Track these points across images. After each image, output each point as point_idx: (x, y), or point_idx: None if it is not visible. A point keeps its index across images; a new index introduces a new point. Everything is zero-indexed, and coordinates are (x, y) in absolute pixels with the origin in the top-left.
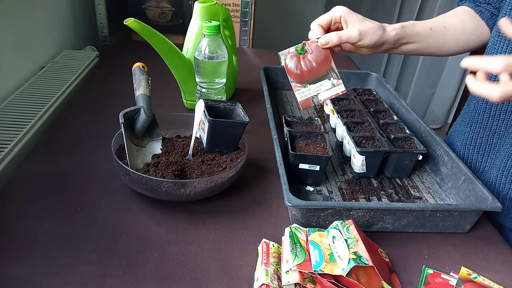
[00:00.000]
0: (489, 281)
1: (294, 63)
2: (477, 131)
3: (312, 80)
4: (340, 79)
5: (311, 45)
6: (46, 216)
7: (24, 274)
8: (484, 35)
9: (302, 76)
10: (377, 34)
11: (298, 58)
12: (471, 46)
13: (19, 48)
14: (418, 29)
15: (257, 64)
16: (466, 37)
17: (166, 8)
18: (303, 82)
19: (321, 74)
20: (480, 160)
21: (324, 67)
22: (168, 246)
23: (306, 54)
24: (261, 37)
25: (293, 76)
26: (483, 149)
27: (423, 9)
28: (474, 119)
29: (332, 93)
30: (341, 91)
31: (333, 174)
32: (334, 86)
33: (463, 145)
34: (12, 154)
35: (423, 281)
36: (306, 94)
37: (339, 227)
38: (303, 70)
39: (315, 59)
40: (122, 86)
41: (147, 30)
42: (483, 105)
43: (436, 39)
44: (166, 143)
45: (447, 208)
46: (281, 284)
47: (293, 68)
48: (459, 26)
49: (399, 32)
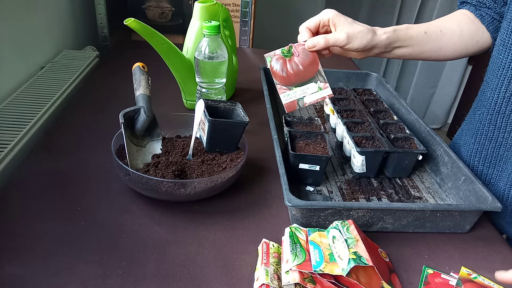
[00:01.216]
0: (489, 281)
1: (280, 65)
2: (483, 142)
3: (298, 83)
4: (327, 83)
5: (297, 48)
6: (46, 216)
7: (24, 274)
8: (484, 40)
9: (288, 79)
10: (366, 37)
11: (284, 60)
12: (469, 51)
13: (19, 48)
14: (412, 33)
15: (257, 64)
16: (464, 42)
17: (166, 8)
18: (288, 85)
19: (308, 77)
20: (486, 172)
21: (311, 70)
22: (168, 246)
23: (292, 56)
24: (261, 37)
25: (279, 79)
26: (489, 161)
27: (423, 9)
28: (479, 131)
29: (318, 97)
30: (327, 94)
31: (333, 174)
32: (321, 90)
33: (468, 155)
34: (12, 154)
35: (423, 281)
36: (292, 96)
37: (339, 227)
38: (289, 73)
39: (301, 62)
40: (122, 86)
41: (147, 30)
42: (488, 117)
43: (431, 44)
44: (166, 143)
45: (447, 208)
46: (281, 284)
47: (278, 70)
48: (456, 31)
49: (391, 36)
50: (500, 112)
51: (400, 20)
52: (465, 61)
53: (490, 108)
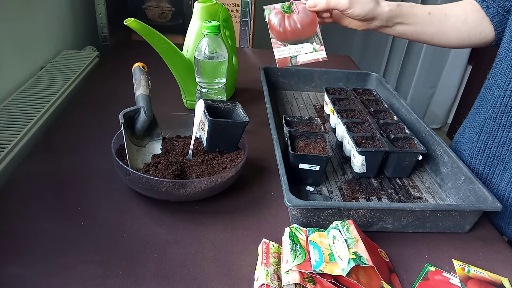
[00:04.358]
0: (480, 270)
1: (278, 20)
2: (486, 141)
3: (294, 41)
4: (323, 46)
5: (298, 6)
6: (46, 216)
7: (24, 274)
8: (487, 32)
9: (284, 34)
10: (368, 5)
11: (283, 15)
12: (472, 42)
13: (19, 48)
14: (416, 11)
15: (257, 64)
16: (468, 30)
17: (166, 8)
18: (284, 41)
19: (304, 37)
20: (487, 172)
21: (308, 30)
22: (168, 246)
23: (292, 13)
24: (261, 37)
25: (275, 33)
26: (491, 160)
27: None
28: (483, 129)
29: (312, 57)
30: (321, 57)
31: (333, 174)
32: (316, 51)
33: (470, 154)
34: (12, 154)
35: (422, 276)
36: (286, 52)
37: (339, 227)
38: (286, 29)
39: (300, 20)
40: (122, 86)
41: (147, 30)
42: (493, 115)
43: (434, 25)
44: (166, 143)
45: (447, 208)
46: (281, 284)
47: (276, 24)
48: (461, 17)
49: (394, 9)
50: (505, 110)
51: None
52: (465, 61)
53: (496, 106)
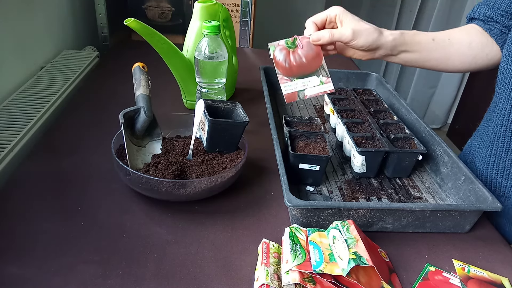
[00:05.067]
0: (480, 270)
1: (283, 56)
2: (499, 155)
3: (300, 75)
4: (329, 78)
5: (302, 41)
6: (46, 216)
7: (24, 274)
8: (494, 53)
9: (290, 70)
10: (372, 36)
11: (287, 51)
12: (478, 64)
13: (19, 48)
14: (419, 39)
15: (257, 64)
16: (473, 53)
17: (166, 8)
18: (290, 76)
19: (310, 71)
20: (504, 185)
21: (314, 64)
22: (168, 246)
23: (296, 48)
24: (261, 37)
25: (281, 69)
26: (507, 173)
27: (423, 9)
28: (494, 143)
29: (319, 90)
30: (329, 89)
31: (333, 174)
32: (322, 84)
33: (485, 169)
34: (12, 154)
35: (422, 276)
36: (293, 88)
37: (339, 227)
38: (291, 64)
39: (305, 55)
40: (122, 86)
41: (147, 30)
42: (503, 128)
43: (439, 52)
44: (166, 143)
45: (447, 208)
46: (281, 284)
47: (281, 61)
48: (465, 41)
49: (397, 38)
50: None
51: (400, 20)
52: None
53: (504, 119)
